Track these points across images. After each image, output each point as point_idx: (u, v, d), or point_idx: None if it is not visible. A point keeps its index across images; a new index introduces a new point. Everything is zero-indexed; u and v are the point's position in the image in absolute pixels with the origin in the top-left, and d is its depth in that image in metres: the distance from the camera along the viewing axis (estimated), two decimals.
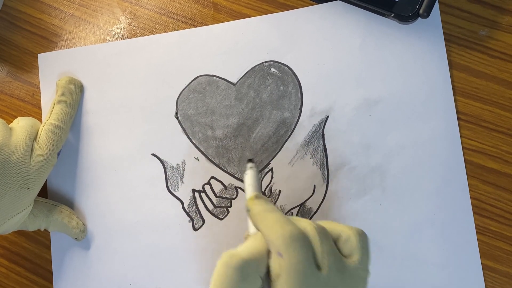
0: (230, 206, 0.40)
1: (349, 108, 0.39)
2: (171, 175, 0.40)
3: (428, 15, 0.36)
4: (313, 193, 0.39)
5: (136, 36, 0.42)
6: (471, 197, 0.37)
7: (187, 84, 0.41)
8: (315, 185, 0.39)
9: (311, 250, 0.26)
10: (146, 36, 0.42)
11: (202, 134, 0.40)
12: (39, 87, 0.42)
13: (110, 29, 0.42)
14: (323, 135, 0.39)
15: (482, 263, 0.37)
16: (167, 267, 0.39)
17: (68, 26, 0.43)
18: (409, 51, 0.39)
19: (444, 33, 0.39)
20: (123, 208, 0.40)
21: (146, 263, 0.40)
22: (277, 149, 0.39)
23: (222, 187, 0.40)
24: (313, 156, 0.39)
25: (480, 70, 0.38)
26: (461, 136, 0.38)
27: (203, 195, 0.40)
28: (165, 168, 0.40)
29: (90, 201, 0.41)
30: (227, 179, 0.40)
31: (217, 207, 0.40)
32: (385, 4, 0.37)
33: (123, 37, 0.42)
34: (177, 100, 0.41)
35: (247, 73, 0.40)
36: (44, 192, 0.41)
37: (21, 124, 0.37)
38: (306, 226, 0.27)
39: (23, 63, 0.43)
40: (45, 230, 0.40)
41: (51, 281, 0.41)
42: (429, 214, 0.37)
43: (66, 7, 0.43)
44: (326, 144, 0.39)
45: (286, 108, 0.40)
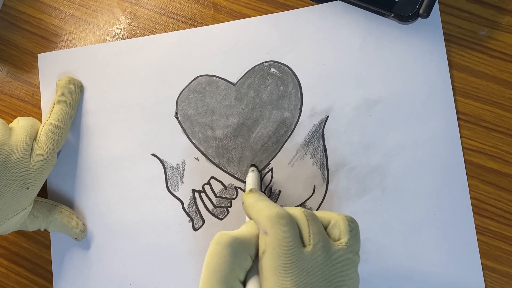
0: (230, 206, 0.40)
1: (349, 108, 0.39)
2: (171, 175, 0.40)
3: (428, 15, 0.36)
4: (313, 193, 0.39)
5: (136, 36, 0.42)
6: (471, 197, 0.37)
7: (187, 84, 0.41)
8: (315, 185, 0.39)
9: (296, 229, 0.27)
10: (146, 36, 0.42)
11: (202, 134, 0.40)
12: (39, 87, 0.42)
13: (110, 29, 0.42)
14: (323, 135, 0.39)
15: (482, 263, 0.37)
16: (167, 267, 0.39)
17: (68, 26, 0.43)
18: (409, 51, 0.39)
19: (444, 33, 0.39)
20: (123, 208, 0.40)
21: (146, 263, 0.40)
22: (277, 149, 0.39)
23: (222, 187, 0.40)
24: (313, 156, 0.39)
25: (480, 70, 0.38)
26: (461, 136, 0.38)
27: (203, 195, 0.40)
28: (165, 168, 0.40)
29: (90, 201, 0.41)
30: (227, 179, 0.40)
31: (217, 207, 0.40)
32: (385, 4, 0.37)
33: (123, 37, 0.42)
34: (177, 100, 0.41)
35: (247, 73, 0.40)
36: (44, 192, 0.41)
37: (21, 124, 0.37)
38: (296, 210, 0.28)
39: (23, 63, 0.43)
40: (45, 230, 0.40)
41: (51, 281, 0.41)
42: (429, 214, 0.37)
43: (66, 7, 0.43)
44: (326, 144, 0.39)
45: (286, 108, 0.40)
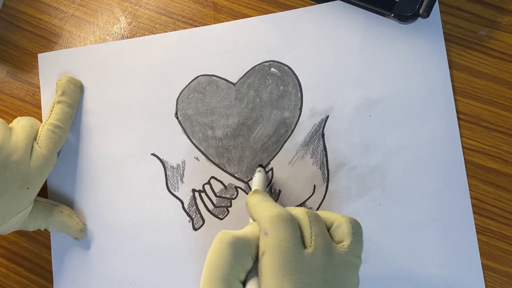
0: (230, 206, 0.40)
1: (349, 108, 0.39)
2: (171, 175, 0.40)
3: (428, 15, 0.36)
4: (313, 193, 0.39)
5: (136, 36, 0.42)
6: (471, 197, 0.37)
7: (187, 84, 0.41)
8: (315, 185, 0.39)
9: (298, 230, 0.27)
10: (146, 36, 0.42)
11: (202, 134, 0.40)
12: (39, 87, 0.42)
13: (110, 29, 0.42)
14: (323, 135, 0.39)
15: (482, 263, 0.37)
16: (167, 267, 0.39)
17: (68, 26, 0.43)
18: (409, 51, 0.39)
19: (444, 33, 0.39)
20: (123, 208, 0.40)
21: (146, 263, 0.40)
22: (277, 149, 0.39)
23: (222, 187, 0.40)
24: (313, 156, 0.39)
25: (480, 70, 0.38)
26: (461, 136, 0.38)
27: (203, 195, 0.40)
28: (165, 168, 0.40)
29: (90, 201, 0.41)
30: (227, 179, 0.40)
31: (217, 207, 0.40)
32: (385, 4, 0.37)
33: (123, 37, 0.42)
34: (177, 100, 0.41)
35: (247, 73, 0.40)
36: (44, 192, 0.41)
37: (21, 124, 0.37)
38: (298, 211, 0.28)
39: (23, 63, 0.43)
40: (45, 230, 0.40)
41: (51, 281, 0.41)
42: (429, 214, 0.37)
43: (66, 7, 0.43)
44: (326, 144, 0.39)
45: (286, 108, 0.40)
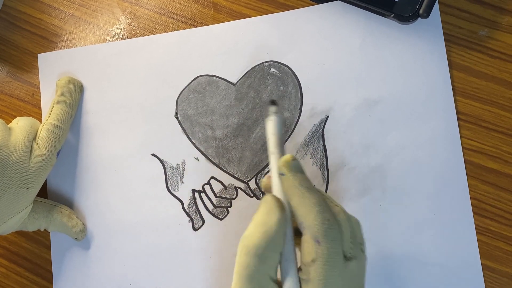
0: (230, 206, 0.40)
1: (349, 108, 0.39)
2: (171, 175, 0.40)
3: (428, 15, 0.36)
4: None
5: (136, 36, 0.42)
6: (471, 197, 0.37)
7: (187, 84, 0.41)
8: (315, 185, 0.39)
9: (342, 239, 0.27)
10: (146, 36, 0.42)
11: (202, 134, 0.40)
12: (39, 87, 0.42)
13: (110, 29, 0.42)
14: (323, 135, 0.39)
15: (482, 263, 0.37)
16: (167, 267, 0.39)
17: (68, 26, 0.43)
18: (409, 51, 0.39)
19: (444, 33, 0.39)
20: (123, 208, 0.40)
21: (146, 263, 0.40)
22: None
23: (222, 187, 0.40)
24: (313, 156, 0.39)
25: (480, 70, 0.38)
26: (461, 136, 0.38)
27: (203, 195, 0.40)
28: (165, 168, 0.40)
29: (90, 201, 0.41)
30: (227, 179, 0.40)
31: (217, 207, 0.40)
32: (385, 4, 0.37)
33: (123, 37, 0.42)
34: (177, 100, 0.41)
35: (247, 73, 0.40)
36: (44, 192, 0.41)
37: (20, 124, 0.37)
38: (339, 213, 0.28)
39: (23, 63, 0.43)
40: (45, 230, 0.40)
41: (51, 281, 0.41)
42: (429, 214, 0.37)
43: (66, 7, 0.43)
44: (326, 144, 0.39)
45: (286, 108, 0.40)
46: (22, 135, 0.36)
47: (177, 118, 0.41)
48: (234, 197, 0.40)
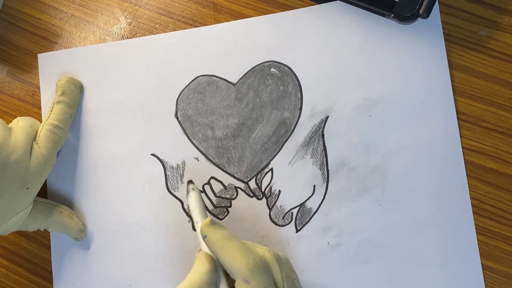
0: (230, 206, 0.40)
1: (349, 108, 0.39)
2: (171, 175, 0.40)
3: (428, 15, 0.36)
4: (313, 193, 0.39)
5: (136, 36, 0.42)
6: (471, 197, 0.37)
7: (187, 84, 0.41)
8: (315, 185, 0.39)
9: (271, 275, 0.29)
10: (146, 36, 0.42)
11: (202, 134, 0.40)
12: (39, 87, 0.42)
13: (110, 29, 0.42)
14: (323, 135, 0.39)
15: (482, 263, 0.37)
16: (167, 267, 0.39)
17: (68, 26, 0.43)
18: (409, 51, 0.39)
19: (444, 33, 0.39)
20: (123, 208, 0.40)
21: (146, 263, 0.40)
22: (277, 149, 0.39)
23: (222, 187, 0.40)
24: (313, 156, 0.39)
25: (480, 70, 0.38)
26: (461, 136, 0.38)
27: (203, 195, 0.40)
28: (165, 168, 0.40)
29: (90, 201, 0.41)
30: (227, 179, 0.40)
31: (217, 207, 0.40)
32: (385, 4, 0.37)
33: (123, 37, 0.42)
34: (177, 100, 0.41)
35: (247, 73, 0.40)
36: (44, 192, 0.41)
37: (20, 124, 0.37)
38: (264, 253, 0.30)
39: (23, 63, 0.43)
40: (45, 230, 0.40)
41: (51, 281, 0.41)
42: (429, 214, 0.37)
43: (66, 7, 0.43)
44: (326, 144, 0.39)
45: (286, 108, 0.40)
46: (22, 135, 0.36)
47: (177, 118, 0.41)
48: (234, 197, 0.40)
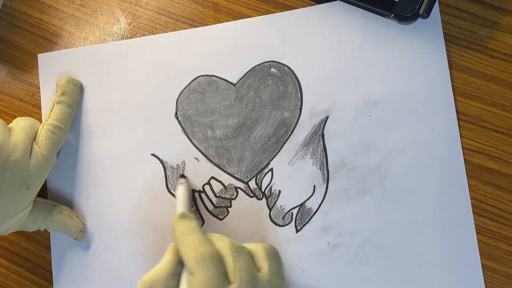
0: (230, 206, 0.40)
1: (349, 108, 0.39)
2: (171, 175, 0.40)
3: (428, 15, 0.36)
4: (313, 193, 0.39)
5: (136, 36, 0.42)
6: (471, 197, 0.37)
7: (187, 84, 0.41)
8: (315, 185, 0.39)
9: (221, 267, 0.29)
10: (146, 36, 0.42)
11: (202, 134, 0.40)
12: (39, 87, 0.42)
13: (110, 29, 0.42)
14: (323, 135, 0.39)
15: (482, 263, 0.37)
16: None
17: (68, 26, 0.43)
18: (409, 51, 0.39)
19: (444, 33, 0.39)
20: (123, 208, 0.40)
21: (146, 263, 0.40)
22: (277, 149, 0.39)
23: (222, 187, 0.40)
24: (313, 156, 0.39)
25: (480, 70, 0.38)
26: (461, 136, 0.38)
27: (203, 195, 0.40)
28: (165, 168, 0.40)
29: (90, 201, 0.41)
30: (227, 179, 0.40)
31: (217, 207, 0.40)
32: (385, 4, 0.37)
33: (123, 37, 0.42)
34: (177, 100, 0.41)
35: (247, 73, 0.40)
36: (44, 192, 0.41)
37: (20, 125, 0.37)
38: (222, 246, 0.30)
39: (23, 63, 0.43)
40: (45, 230, 0.40)
41: (50, 281, 0.41)
42: (429, 214, 0.37)
43: (66, 7, 0.43)
44: (326, 144, 0.39)
45: (286, 108, 0.40)
46: (22, 135, 0.36)
47: (177, 118, 0.41)
48: (234, 197, 0.40)
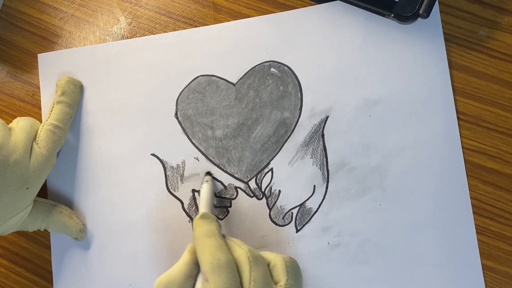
0: (230, 206, 0.40)
1: (349, 108, 0.39)
2: (171, 175, 0.40)
3: (428, 15, 0.36)
4: (313, 193, 0.39)
5: (136, 36, 0.42)
6: (471, 197, 0.37)
7: (187, 84, 0.41)
8: (315, 185, 0.39)
9: (237, 276, 0.28)
10: (146, 36, 0.42)
11: (202, 134, 0.40)
12: (39, 87, 0.42)
13: (110, 29, 0.42)
14: (323, 135, 0.39)
15: (482, 263, 0.37)
16: (167, 267, 0.39)
17: (68, 26, 0.43)
18: (409, 51, 0.39)
19: (444, 33, 0.39)
20: (123, 208, 0.40)
21: (146, 263, 0.40)
22: (277, 149, 0.39)
23: (222, 187, 0.40)
24: (313, 156, 0.39)
25: (480, 70, 0.38)
26: (461, 136, 0.38)
27: None
28: (165, 168, 0.40)
29: (90, 201, 0.41)
30: (227, 179, 0.40)
31: (217, 207, 0.40)
32: (385, 4, 0.37)
33: (123, 37, 0.42)
34: (177, 100, 0.41)
35: (247, 73, 0.40)
36: (44, 192, 0.41)
37: (20, 124, 0.37)
38: (240, 254, 0.29)
39: (23, 63, 0.43)
40: (45, 230, 0.40)
41: (50, 281, 0.41)
42: (429, 214, 0.37)
43: (66, 7, 0.43)
44: (326, 144, 0.39)
45: (286, 108, 0.40)
46: (22, 135, 0.36)
47: (177, 118, 0.41)
48: (234, 197, 0.40)
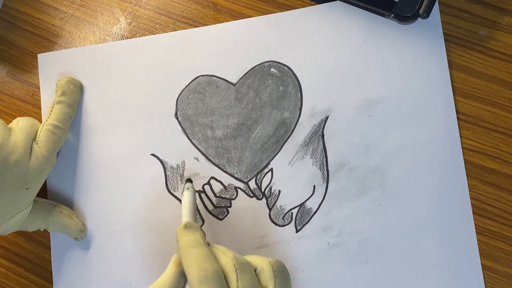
0: (230, 206, 0.40)
1: (349, 108, 0.39)
2: (171, 175, 0.40)
3: (428, 15, 0.36)
4: (313, 193, 0.39)
5: (136, 36, 0.42)
6: (471, 197, 0.37)
7: (187, 84, 0.41)
8: (315, 185, 0.39)
9: (225, 286, 0.28)
10: (146, 36, 0.42)
11: (202, 134, 0.40)
12: (39, 87, 0.42)
13: (110, 29, 0.42)
14: (323, 135, 0.39)
15: (482, 263, 0.37)
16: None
17: (68, 26, 0.43)
18: (409, 51, 0.39)
19: (444, 33, 0.39)
20: (123, 208, 0.40)
21: (146, 263, 0.40)
22: (277, 149, 0.39)
23: (222, 187, 0.40)
24: (313, 156, 0.39)
25: (480, 70, 0.38)
26: (460, 136, 0.38)
27: (203, 195, 0.40)
28: (165, 168, 0.40)
29: (90, 201, 0.41)
30: (227, 180, 0.40)
31: (216, 207, 0.40)
32: (385, 4, 0.37)
33: (123, 37, 0.42)
34: (177, 100, 0.41)
35: (247, 73, 0.40)
36: (44, 192, 0.41)
37: (20, 124, 0.37)
38: (226, 262, 0.29)
39: (23, 63, 0.43)
40: (45, 230, 0.40)
41: (50, 281, 0.41)
42: (429, 214, 0.37)
43: (66, 7, 0.43)
44: (326, 145, 0.39)
45: (286, 108, 0.40)
46: (22, 135, 0.36)
47: (177, 118, 0.41)
48: (234, 197, 0.40)
